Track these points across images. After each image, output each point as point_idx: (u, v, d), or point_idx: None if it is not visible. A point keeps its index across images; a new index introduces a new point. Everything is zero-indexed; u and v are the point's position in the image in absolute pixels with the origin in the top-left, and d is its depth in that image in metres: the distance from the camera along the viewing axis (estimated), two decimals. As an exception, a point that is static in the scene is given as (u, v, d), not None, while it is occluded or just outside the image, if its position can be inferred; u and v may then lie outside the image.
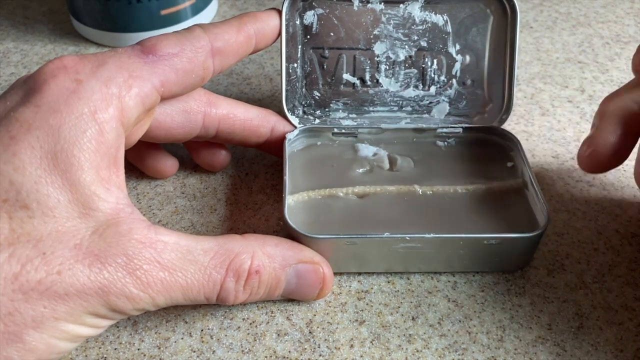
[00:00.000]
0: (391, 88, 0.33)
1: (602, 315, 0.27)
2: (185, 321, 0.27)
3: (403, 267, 0.29)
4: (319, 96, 0.33)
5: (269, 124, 0.32)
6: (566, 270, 0.29)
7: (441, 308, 0.28)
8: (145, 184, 0.34)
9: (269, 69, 0.43)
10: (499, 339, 0.26)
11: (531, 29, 0.47)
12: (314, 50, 0.33)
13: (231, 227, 0.31)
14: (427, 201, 0.30)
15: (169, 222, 0.31)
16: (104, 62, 0.24)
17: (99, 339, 0.26)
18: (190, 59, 0.26)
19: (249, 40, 0.29)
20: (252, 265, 0.24)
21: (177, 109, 0.29)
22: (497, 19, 0.32)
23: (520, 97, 0.40)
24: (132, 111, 0.24)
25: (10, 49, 0.45)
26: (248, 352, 0.26)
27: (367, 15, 0.32)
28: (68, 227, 0.21)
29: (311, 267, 0.26)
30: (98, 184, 0.22)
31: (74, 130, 0.22)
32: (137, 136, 0.27)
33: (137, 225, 0.23)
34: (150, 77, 0.25)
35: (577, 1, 0.51)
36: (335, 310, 0.27)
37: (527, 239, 0.27)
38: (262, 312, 0.27)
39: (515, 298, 0.28)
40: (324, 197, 0.30)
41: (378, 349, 0.26)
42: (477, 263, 0.28)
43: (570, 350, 0.26)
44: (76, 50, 0.44)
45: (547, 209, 0.28)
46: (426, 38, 0.32)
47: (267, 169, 0.35)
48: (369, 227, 0.28)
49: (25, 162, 0.21)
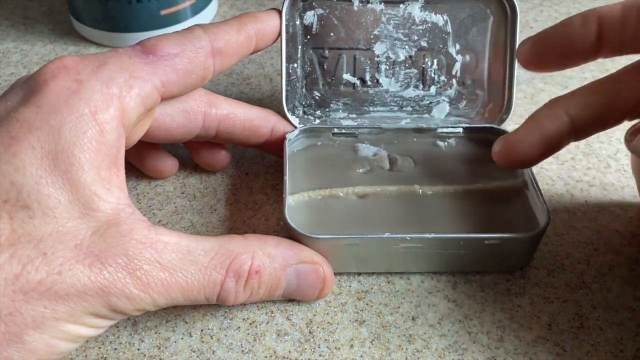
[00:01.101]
0: (391, 88, 0.33)
1: (602, 315, 0.27)
2: (185, 321, 0.27)
3: (403, 267, 0.29)
4: (319, 96, 0.33)
5: (269, 124, 0.32)
6: (566, 270, 0.29)
7: (441, 308, 0.28)
8: (145, 184, 0.34)
9: (269, 69, 0.43)
10: (499, 339, 0.26)
11: (531, 29, 0.47)
12: (314, 50, 0.33)
13: (231, 227, 0.31)
14: (427, 201, 0.30)
15: (169, 222, 0.31)
16: (104, 63, 0.24)
17: (98, 339, 0.26)
18: (191, 59, 0.26)
19: (250, 41, 0.29)
20: (253, 265, 0.24)
21: (177, 109, 0.29)
22: (497, 19, 0.32)
23: (520, 97, 0.40)
24: (132, 111, 0.24)
25: (10, 49, 0.45)
26: (248, 352, 0.26)
27: (367, 15, 0.32)
28: (69, 228, 0.21)
29: (311, 267, 0.26)
30: (99, 184, 0.22)
31: (74, 130, 0.22)
32: (137, 136, 0.27)
33: (138, 225, 0.23)
34: (150, 78, 0.25)
35: (577, 1, 0.51)
36: (335, 310, 0.28)
37: (527, 239, 0.27)
38: (262, 312, 0.27)
39: (515, 298, 0.28)
40: (324, 197, 0.30)
41: (378, 349, 0.26)
42: (477, 263, 0.28)
43: (570, 350, 0.26)
44: (76, 50, 0.44)
45: (547, 209, 0.28)
46: (426, 38, 0.32)
47: (267, 169, 0.35)
48: (369, 227, 0.28)
49: (26, 163, 0.21)
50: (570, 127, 0.27)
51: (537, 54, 0.28)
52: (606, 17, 0.26)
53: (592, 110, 0.26)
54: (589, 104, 0.26)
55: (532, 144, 0.27)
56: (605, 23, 0.26)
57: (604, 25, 0.26)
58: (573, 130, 0.27)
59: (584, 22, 0.26)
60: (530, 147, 0.27)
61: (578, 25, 0.27)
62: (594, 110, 0.26)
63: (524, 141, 0.27)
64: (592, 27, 0.26)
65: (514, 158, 0.28)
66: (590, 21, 0.26)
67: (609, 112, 0.26)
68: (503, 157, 0.28)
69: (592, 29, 0.26)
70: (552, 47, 0.28)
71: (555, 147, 0.27)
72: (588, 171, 0.35)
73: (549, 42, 0.28)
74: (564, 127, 0.27)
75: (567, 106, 0.27)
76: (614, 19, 0.26)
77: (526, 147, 0.27)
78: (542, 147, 0.27)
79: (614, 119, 0.27)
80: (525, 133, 0.27)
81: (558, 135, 0.27)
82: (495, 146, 0.28)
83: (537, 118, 0.27)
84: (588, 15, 0.26)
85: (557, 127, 0.27)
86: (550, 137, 0.27)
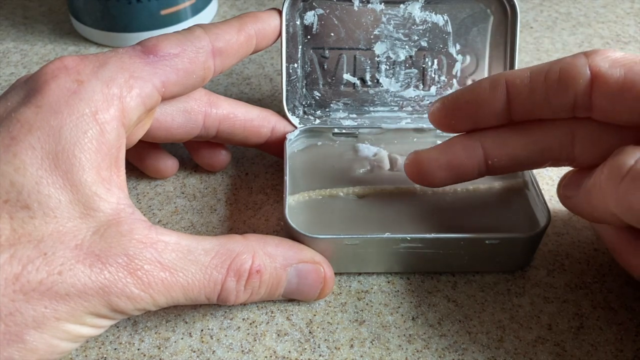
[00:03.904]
0: (391, 88, 0.33)
1: (602, 315, 0.27)
2: (185, 321, 0.27)
3: (403, 267, 0.29)
4: (320, 96, 0.33)
5: (270, 124, 0.32)
6: (566, 270, 0.29)
7: (441, 308, 0.28)
8: (145, 184, 0.34)
9: (269, 69, 0.43)
10: (499, 339, 0.26)
11: (531, 29, 0.47)
12: (314, 50, 0.33)
13: (231, 227, 0.31)
14: (427, 201, 0.30)
15: (169, 222, 0.31)
16: (105, 63, 0.24)
17: (98, 339, 0.26)
18: (191, 59, 0.26)
19: (250, 41, 0.29)
20: (253, 265, 0.24)
21: (177, 109, 0.29)
22: (497, 19, 0.32)
23: (520, 97, 0.40)
24: (133, 112, 0.24)
25: (10, 49, 0.45)
26: (248, 352, 0.26)
27: (368, 15, 0.32)
28: (69, 228, 0.21)
29: (312, 267, 0.26)
30: (99, 185, 0.22)
31: (75, 130, 0.22)
32: (137, 136, 0.27)
33: (138, 225, 0.23)
34: (151, 78, 0.25)
35: (577, 1, 0.51)
36: (335, 310, 0.28)
37: (527, 239, 0.27)
38: (262, 312, 0.27)
39: (515, 298, 0.28)
40: (325, 197, 0.30)
41: (378, 349, 0.26)
42: (477, 263, 0.29)
43: (570, 350, 0.26)
44: (76, 50, 0.44)
45: (547, 209, 0.28)
46: (426, 38, 0.32)
47: (267, 169, 0.35)
48: (370, 227, 0.28)
49: (26, 163, 0.21)
50: (483, 160, 0.27)
51: (446, 116, 0.27)
52: (514, 83, 0.25)
53: (507, 150, 0.26)
54: (505, 143, 0.26)
55: (440, 168, 0.27)
56: (514, 88, 0.25)
57: (513, 90, 0.25)
58: (485, 166, 0.27)
59: (492, 87, 0.26)
60: (437, 171, 0.27)
61: (487, 90, 0.26)
62: (510, 149, 0.26)
63: (432, 163, 0.27)
64: (501, 91, 0.25)
65: (419, 176, 0.28)
66: (499, 85, 0.26)
67: (525, 155, 0.26)
68: (409, 171, 0.28)
69: (501, 93, 0.26)
70: (461, 110, 0.27)
71: (462, 176, 0.27)
72: (588, 171, 0.35)
73: (458, 104, 0.27)
74: (476, 159, 0.27)
75: (484, 139, 0.27)
76: (522, 84, 0.25)
77: (433, 169, 0.27)
78: (448, 173, 0.27)
79: (531, 163, 0.27)
80: (435, 155, 0.27)
81: (468, 166, 0.27)
82: (406, 159, 0.28)
83: (451, 144, 0.27)
84: (497, 79, 0.26)
85: (468, 158, 0.27)
86: (459, 166, 0.27)
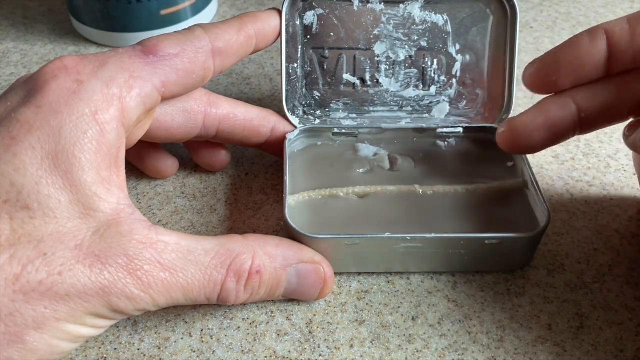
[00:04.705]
0: (391, 88, 0.33)
1: (602, 315, 0.27)
2: (185, 321, 0.27)
3: (403, 267, 0.29)
4: (319, 96, 0.33)
5: (270, 124, 0.32)
6: (566, 270, 0.29)
7: (441, 308, 0.28)
8: (145, 184, 0.34)
9: (269, 69, 0.43)
10: (499, 339, 0.26)
11: (531, 29, 0.47)
12: (314, 50, 0.33)
13: (231, 227, 0.31)
14: (427, 201, 0.30)
15: (169, 222, 0.31)
16: (104, 63, 0.24)
17: (98, 339, 0.26)
18: (191, 59, 0.26)
19: (250, 41, 0.29)
20: (253, 265, 0.24)
21: (177, 109, 0.29)
22: (497, 19, 0.32)
23: (520, 97, 0.40)
24: (133, 112, 0.24)
25: (10, 49, 0.45)
26: (248, 352, 0.26)
27: (367, 15, 0.32)
28: (69, 228, 0.21)
29: (312, 267, 0.26)
30: (99, 185, 0.22)
31: (74, 130, 0.22)
32: (137, 136, 0.27)
33: (138, 225, 0.23)
34: (151, 78, 0.25)
35: (577, 1, 0.51)
36: (335, 310, 0.28)
37: (527, 239, 0.27)
38: (262, 312, 0.27)
39: (515, 298, 0.28)
40: (325, 197, 0.30)
41: (378, 349, 0.26)
42: (477, 263, 0.29)
43: (570, 350, 0.26)
44: (76, 50, 0.44)
45: (547, 209, 0.28)
46: (426, 38, 0.32)
47: (267, 169, 0.35)
48: (370, 227, 0.28)
49: (26, 163, 0.21)
50: (577, 116, 0.26)
51: (546, 74, 0.27)
52: (614, 31, 0.25)
53: (600, 102, 0.26)
54: (598, 95, 0.26)
55: (537, 129, 0.26)
56: (614, 37, 0.25)
57: (613, 39, 0.25)
58: (579, 120, 0.26)
59: (592, 38, 0.25)
60: (535, 132, 0.27)
61: (587, 42, 0.25)
62: (602, 101, 0.26)
63: (528, 125, 0.27)
64: (601, 42, 0.25)
65: (517, 142, 0.27)
66: (599, 36, 0.25)
67: (617, 106, 0.26)
68: (506, 140, 0.28)
69: (602, 44, 0.25)
70: (562, 66, 0.26)
71: (559, 135, 0.27)
72: (588, 171, 0.35)
73: (559, 60, 0.26)
74: (570, 115, 0.26)
75: (575, 95, 0.26)
76: (622, 31, 0.25)
77: (530, 132, 0.27)
78: (546, 133, 0.27)
79: (620, 113, 0.26)
80: (531, 117, 0.27)
81: (564, 122, 0.26)
82: (499, 128, 0.28)
83: (544, 104, 0.27)
84: (595, 30, 0.25)
85: (563, 114, 0.26)
86: (555, 124, 0.26)
